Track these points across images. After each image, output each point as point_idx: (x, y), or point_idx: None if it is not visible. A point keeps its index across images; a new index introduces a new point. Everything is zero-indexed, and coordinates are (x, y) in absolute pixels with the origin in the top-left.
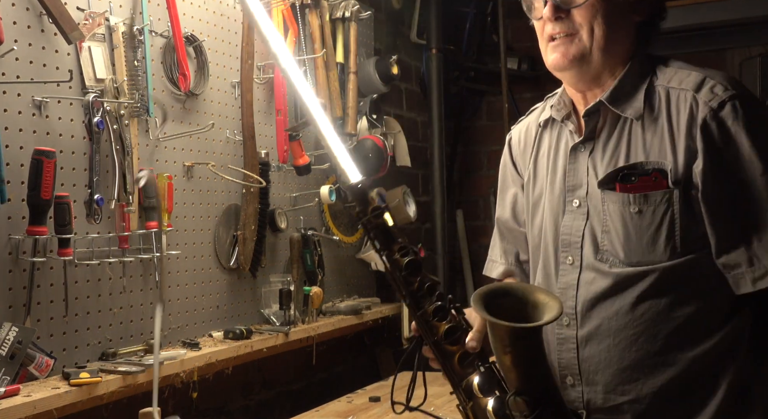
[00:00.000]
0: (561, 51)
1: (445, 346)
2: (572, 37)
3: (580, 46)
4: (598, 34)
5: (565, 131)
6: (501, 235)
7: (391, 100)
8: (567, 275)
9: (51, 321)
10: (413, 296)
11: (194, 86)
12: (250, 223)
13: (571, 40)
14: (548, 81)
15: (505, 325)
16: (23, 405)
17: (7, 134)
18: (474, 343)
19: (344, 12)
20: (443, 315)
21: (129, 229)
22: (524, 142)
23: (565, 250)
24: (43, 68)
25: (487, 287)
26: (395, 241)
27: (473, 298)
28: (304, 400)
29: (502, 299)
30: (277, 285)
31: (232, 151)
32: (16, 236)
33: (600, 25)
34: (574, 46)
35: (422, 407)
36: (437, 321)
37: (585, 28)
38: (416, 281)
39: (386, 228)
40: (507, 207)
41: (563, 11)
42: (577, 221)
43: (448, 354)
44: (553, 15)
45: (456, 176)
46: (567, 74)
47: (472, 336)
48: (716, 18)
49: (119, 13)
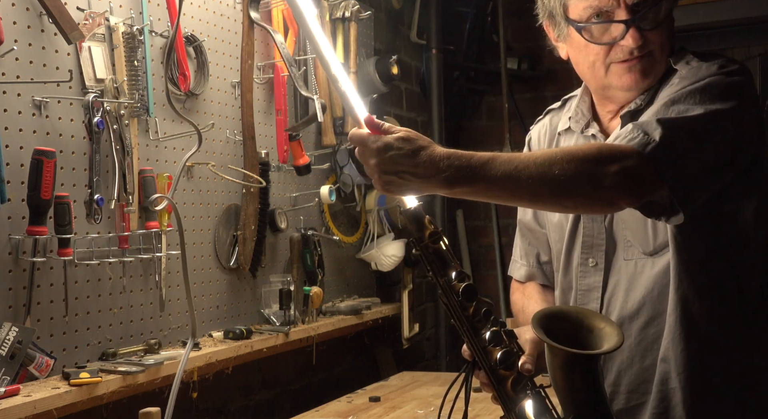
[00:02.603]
0: (637, 72)
1: (500, 371)
2: (647, 57)
3: (653, 64)
4: (668, 49)
5: (585, 138)
6: (522, 235)
7: (391, 100)
8: (589, 277)
9: (51, 321)
10: (469, 321)
11: (194, 86)
12: (250, 223)
13: (649, 60)
14: (548, 81)
15: (569, 351)
16: (23, 405)
17: (7, 134)
18: (529, 366)
19: (344, 12)
20: (498, 340)
21: (129, 229)
22: (543, 144)
23: (587, 252)
24: (43, 68)
25: (546, 310)
26: (450, 266)
27: (532, 322)
28: (304, 400)
29: (559, 322)
30: (277, 285)
31: (232, 151)
32: (16, 236)
33: (668, 40)
34: (649, 65)
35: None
36: (492, 347)
37: (658, 45)
38: (472, 307)
39: (442, 254)
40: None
41: (644, 32)
42: (597, 223)
43: (501, 379)
44: (638, 40)
45: None
46: (632, 93)
47: (525, 358)
48: (716, 18)
49: (119, 13)
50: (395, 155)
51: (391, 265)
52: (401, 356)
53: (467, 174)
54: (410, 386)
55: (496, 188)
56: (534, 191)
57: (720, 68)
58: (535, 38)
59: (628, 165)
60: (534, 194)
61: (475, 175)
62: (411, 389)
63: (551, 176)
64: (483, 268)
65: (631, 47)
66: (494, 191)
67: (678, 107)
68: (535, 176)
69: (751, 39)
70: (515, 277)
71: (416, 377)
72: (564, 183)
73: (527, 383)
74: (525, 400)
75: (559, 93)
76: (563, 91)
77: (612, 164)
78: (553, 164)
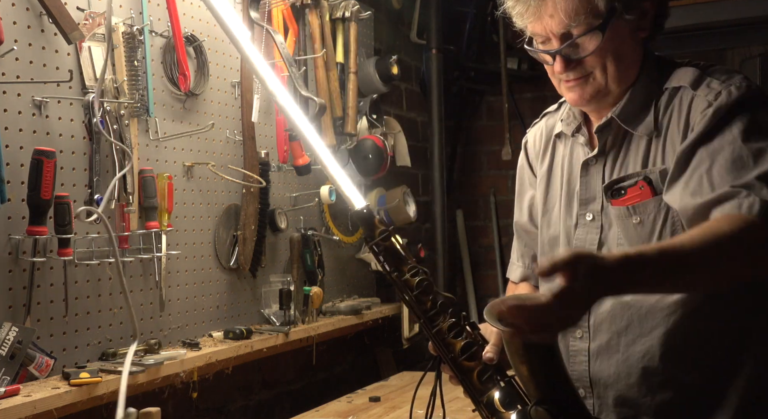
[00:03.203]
0: (578, 92)
1: (463, 362)
2: (586, 78)
3: (596, 85)
4: (611, 71)
5: (577, 144)
6: (518, 237)
7: (391, 100)
8: None
9: (51, 321)
10: (426, 314)
11: (194, 86)
12: (250, 223)
13: (586, 80)
14: (548, 81)
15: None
16: (23, 405)
17: (7, 134)
18: (491, 355)
19: (344, 12)
20: (459, 331)
21: (129, 229)
22: (539, 147)
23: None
24: (43, 68)
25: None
26: (405, 262)
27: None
28: (304, 400)
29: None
30: (277, 285)
31: (232, 151)
32: (16, 236)
33: (612, 62)
34: (590, 86)
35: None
36: (453, 338)
37: (598, 68)
38: (428, 300)
39: (395, 250)
40: (524, 210)
41: (573, 60)
42: (591, 235)
43: (466, 370)
44: (564, 68)
45: (456, 176)
46: (587, 108)
47: (488, 348)
48: (716, 18)
49: (119, 13)
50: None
51: None
52: (401, 356)
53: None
54: (410, 386)
55: (693, 279)
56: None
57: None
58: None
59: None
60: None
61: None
62: (411, 389)
63: (729, 271)
64: (483, 268)
65: (560, 73)
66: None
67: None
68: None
69: (751, 39)
70: (511, 278)
71: (416, 377)
72: (738, 274)
73: (495, 374)
74: (494, 390)
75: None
76: None
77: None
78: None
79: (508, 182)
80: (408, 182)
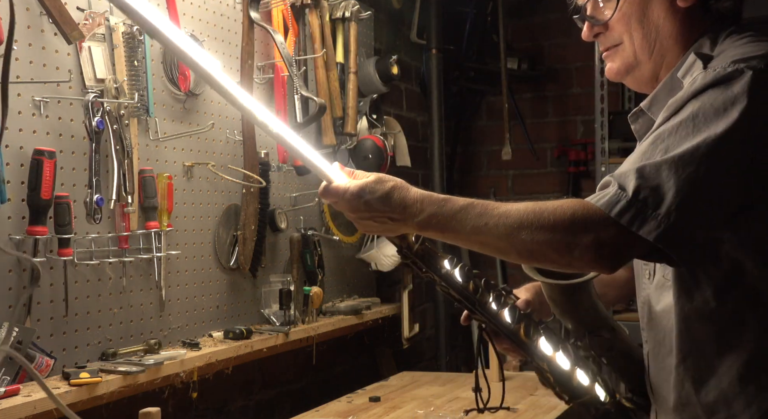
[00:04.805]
0: (609, 65)
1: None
2: (616, 48)
3: (625, 56)
4: (637, 40)
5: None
6: None
7: (391, 100)
8: (644, 290)
9: (51, 321)
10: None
11: (194, 86)
12: (250, 223)
13: (616, 51)
14: (548, 81)
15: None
16: (23, 405)
17: (7, 134)
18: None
19: (344, 12)
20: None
21: (129, 229)
22: None
23: (646, 264)
24: (43, 68)
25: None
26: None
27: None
28: (304, 400)
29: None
30: (277, 285)
31: (232, 151)
32: (16, 236)
33: (637, 30)
34: (619, 57)
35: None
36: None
37: (626, 37)
38: (470, 284)
39: (429, 252)
40: None
41: (602, 26)
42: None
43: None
44: (591, 34)
45: (456, 176)
46: (625, 83)
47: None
48: None
49: (119, 13)
50: (369, 200)
51: (391, 265)
52: (401, 356)
53: (437, 222)
54: (410, 386)
55: (463, 240)
56: (501, 250)
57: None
58: (535, 38)
59: (601, 236)
60: (501, 252)
61: (445, 225)
62: (411, 389)
63: (519, 241)
64: (482, 268)
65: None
66: (462, 242)
67: (665, 144)
68: (503, 237)
69: None
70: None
71: (416, 377)
72: (531, 250)
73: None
74: (538, 340)
75: (560, 92)
76: (563, 91)
77: (583, 234)
78: (522, 227)
79: (508, 181)
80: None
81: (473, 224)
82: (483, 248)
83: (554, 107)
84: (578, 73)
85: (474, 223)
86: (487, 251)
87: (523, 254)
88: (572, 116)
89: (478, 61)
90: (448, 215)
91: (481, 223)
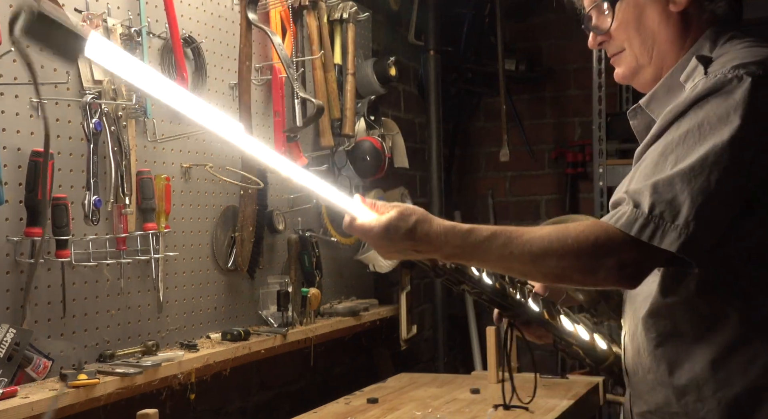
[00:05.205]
0: (616, 70)
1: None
2: (621, 54)
3: (628, 62)
4: (636, 45)
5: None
6: None
7: (389, 101)
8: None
9: (49, 323)
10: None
11: (192, 88)
12: (248, 224)
13: (620, 57)
14: (547, 82)
15: None
16: (21, 407)
17: (4, 136)
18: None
19: (342, 13)
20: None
21: (127, 230)
22: None
23: None
24: (41, 70)
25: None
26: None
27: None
28: (302, 401)
29: None
30: (275, 287)
31: (230, 152)
32: (14, 237)
33: (635, 36)
34: (624, 62)
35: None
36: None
37: (627, 43)
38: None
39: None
40: None
41: (605, 35)
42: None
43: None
44: (596, 42)
45: (454, 178)
46: (633, 86)
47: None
48: None
49: (117, 14)
50: (394, 238)
51: (389, 267)
52: (399, 357)
53: (462, 253)
54: (408, 387)
55: (490, 267)
56: (528, 274)
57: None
58: (533, 39)
59: (623, 258)
60: (528, 276)
61: (471, 255)
62: (409, 390)
63: (545, 267)
64: None
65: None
66: (488, 268)
67: (674, 155)
68: (528, 264)
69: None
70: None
71: (414, 378)
72: (557, 274)
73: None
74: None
75: (558, 94)
76: (561, 92)
77: (607, 257)
78: (547, 255)
79: (506, 183)
80: (406, 183)
81: (498, 254)
82: (509, 272)
83: (552, 109)
84: (576, 75)
85: (499, 252)
86: (514, 274)
87: (549, 277)
88: (570, 117)
89: (475, 62)
90: (472, 247)
91: (506, 252)
